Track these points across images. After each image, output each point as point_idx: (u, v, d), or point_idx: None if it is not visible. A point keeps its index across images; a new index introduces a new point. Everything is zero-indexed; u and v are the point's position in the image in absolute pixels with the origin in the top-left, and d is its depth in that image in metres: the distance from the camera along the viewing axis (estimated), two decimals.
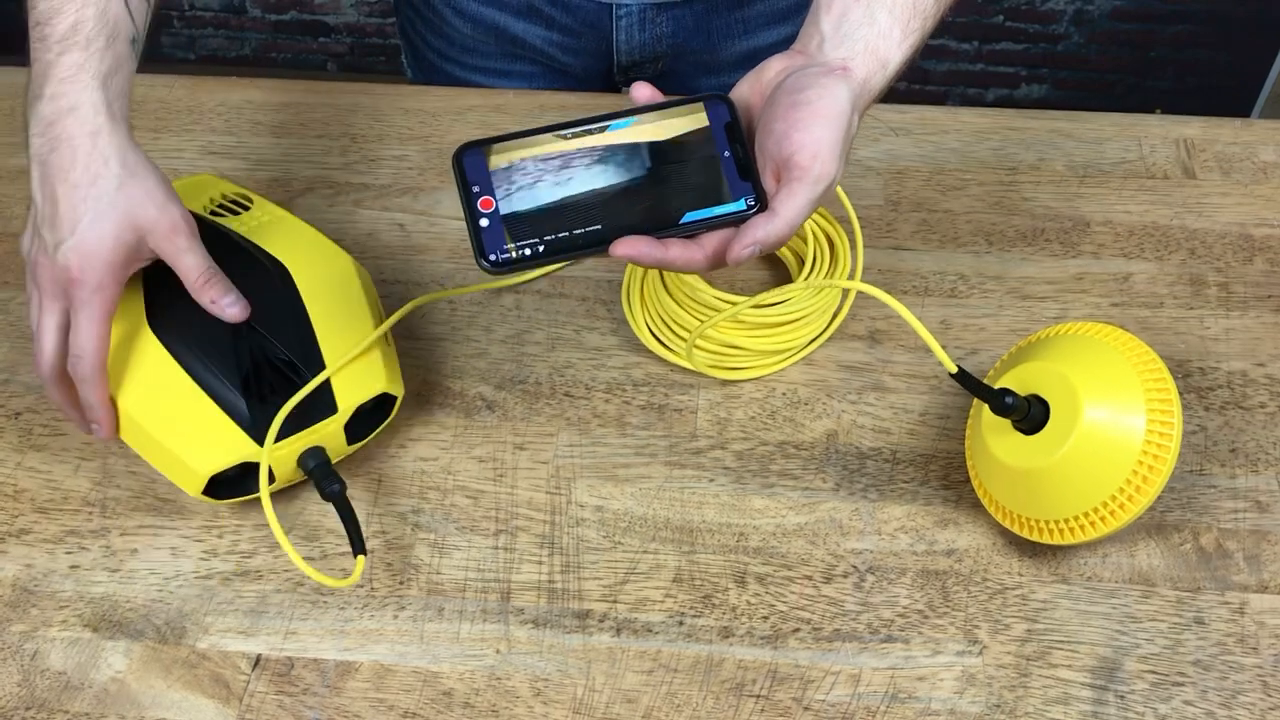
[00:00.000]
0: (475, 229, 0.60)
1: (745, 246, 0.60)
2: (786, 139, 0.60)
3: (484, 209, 0.61)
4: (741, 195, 0.62)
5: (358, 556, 0.65)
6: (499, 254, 0.60)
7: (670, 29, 0.96)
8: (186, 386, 0.68)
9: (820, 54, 0.64)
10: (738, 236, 0.60)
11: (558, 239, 0.60)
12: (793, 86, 0.62)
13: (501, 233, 0.60)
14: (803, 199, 0.60)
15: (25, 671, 0.65)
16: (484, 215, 0.60)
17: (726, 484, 0.72)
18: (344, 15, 2.14)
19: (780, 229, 0.60)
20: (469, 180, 0.61)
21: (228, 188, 0.80)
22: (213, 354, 0.68)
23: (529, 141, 0.62)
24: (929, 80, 2.10)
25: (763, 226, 0.60)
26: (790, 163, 0.60)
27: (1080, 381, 0.64)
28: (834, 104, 0.61)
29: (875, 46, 0.63)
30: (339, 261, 0.75)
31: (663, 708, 0.63)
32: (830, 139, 0.60)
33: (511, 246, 0.60)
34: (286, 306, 0.71)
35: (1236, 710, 0.63)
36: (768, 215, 0.60)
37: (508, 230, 0.60)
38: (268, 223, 0.76)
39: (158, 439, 0.67)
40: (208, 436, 0.67)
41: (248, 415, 0.67)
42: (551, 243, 0.60)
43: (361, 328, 0.72)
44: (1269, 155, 0.89)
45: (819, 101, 0.61)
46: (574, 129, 0.63)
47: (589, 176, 0.62)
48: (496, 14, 0.97)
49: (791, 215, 0.60)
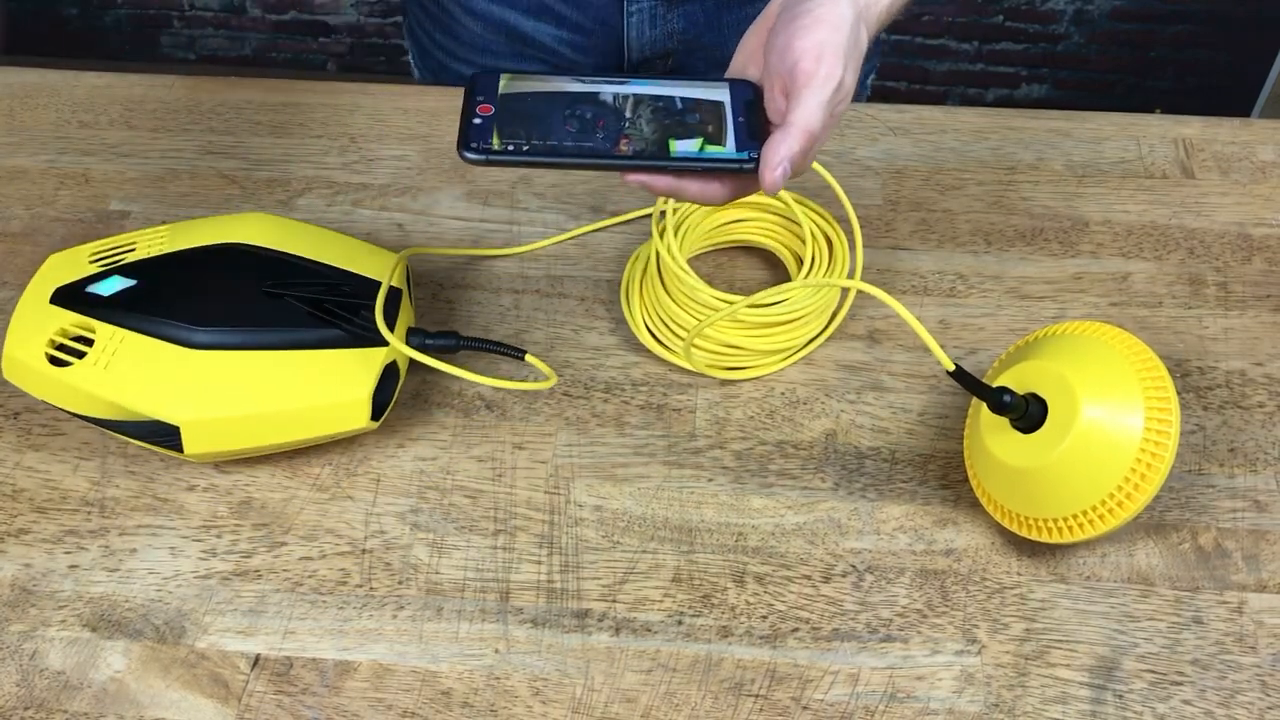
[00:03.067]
0: (465, 124, 0.61)
1: (774, 168, 0.59)
2: (789, 49, 0.60)
3: (481, 113, 0.61)
4: (744, 150, 0.61)
5: (526, 358, 0.74)
6: (481, 144, 0.60)
7: (681, 25, 0.96)
8: (285, 356, 0.69)
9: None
10: (763, 161, 0.60)
11: (545, 144, 0.60)
12: (789, 9, 0.62)
13: (490, 130, 0.60)
14: (813, 102, 0.59)
15: (24, 671, 0.65)
16: (479, 116, 0.61)
17: (725, 484, 0.72)
18: (344, 15, 2.15)
19: (798, 138, 0.59)
20: (475, 92, 0.62)
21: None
22: (269, 323, 0.70)
23: (544, 78, 0.64)
24: (929, 80, 2.10)
25: (782, 142, 0.59)
26: (795, 71, 0.59)
27: (1078, 380, 0.64)
28: (834, 12, 0.60)
29: None
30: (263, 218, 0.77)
31: (661, 707, 0.63)
32: (834, 41, 0.59)
33: (495, 141, 0.60)
34: (280, 263, 0.73)
35: (1235, 709, 0.63)
36: (783, 130, 0.59)
37: (497, 129, 0.61)
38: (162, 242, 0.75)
39: (309, 407, 0.69)
40: (340, 370, 0.69)
41: (349, 334, 0.70)
42: (537, 146, 0.60)
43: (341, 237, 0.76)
44: (1268, 155, 0.90)
45: (818, 9, 0.60)
46: (595, 78, 0.64)
47: (593, 106, 0.62)
48: (507, 12, 0.96)
49: (805, 122, 0.59)
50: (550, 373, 0.73)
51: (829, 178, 0.81)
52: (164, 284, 0.71)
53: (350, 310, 0.71)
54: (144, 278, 0.71)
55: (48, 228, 0.86)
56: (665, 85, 0.64)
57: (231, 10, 2.16)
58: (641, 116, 0.62)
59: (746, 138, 0.62)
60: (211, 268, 0.72)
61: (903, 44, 2.05)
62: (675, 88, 0.64)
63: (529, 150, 0.60)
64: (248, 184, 0.89)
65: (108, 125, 0.94)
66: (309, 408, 0.69)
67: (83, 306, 0.70)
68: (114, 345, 0.68)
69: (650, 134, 0.61)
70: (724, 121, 0.62)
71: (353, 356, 0.70)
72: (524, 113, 0.62)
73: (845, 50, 0.60)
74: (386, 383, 0.71)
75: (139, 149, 0.92)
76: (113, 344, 0.68)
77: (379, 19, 2.15)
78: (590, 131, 0.61)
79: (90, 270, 0.72)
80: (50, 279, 0.72)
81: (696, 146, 0.61)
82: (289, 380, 0.69)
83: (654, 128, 0.62)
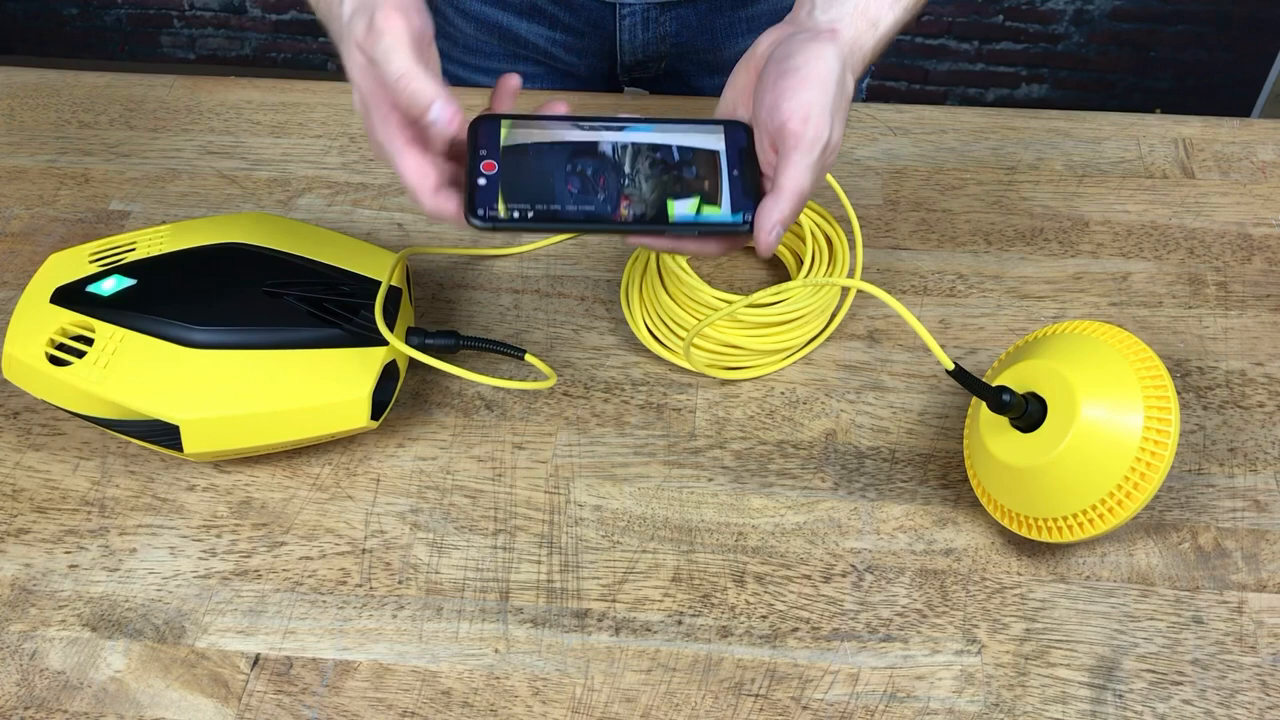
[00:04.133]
0: (471, 186, 0.61)
1: (768, 232, 0.60)
2: (777, 109, 0.61)
3: (485, 170, 0.62)
4: (740, 211, 0.63)
5: (526, 357, 0.74)
6: (487, 211, 0.61)
7: (674, 28, 0.96)
8: (285, 355, 0.69)
9: (810, 20, 0.64)
10: (756, 226, 0.61)
11: (549, 210, 0.61)
12: (780, 56, 0.62)
13: (495, 194, 0.61)
14: (802, 165, 0.60)
15: (24, 671, 0.65)
16: (483, 175, 0.61)
17: (725, 483, 0.72)
18: None
19: (789, 201, 0.60)
20: (478, 145, 0.62)
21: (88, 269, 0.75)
22: (269, 323, 0.70)
23: (543, 125, 0.64)
24: (929, 80, 2.10)
25: (774, 207, 0.60)
26: (783, 131, 0.60)
27: (1077, 380, 0.64)
28: (821, 67, 0.61)
29: (865, 7, 0.64)
30: (263, 218, 0.77)
31: (661, 707, 0.63)
32: (820, 101, 0.60)
33: (501, 208, 0.61)
34: (280, 263, 0.73)
35: (1235, 709, 0.63)
36: (774, 194, 0.60)
37: (503, 192, 0.61)
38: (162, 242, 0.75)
39: (308, 406, 0.69)
40: (340, 369, 0.69)
41: (349, 333, 0.70)
42: (542, 211, 0.61)
43: (341, 237, 0.76)
44: (1267, 155, 0.89)
45: (805, 67, 0.61)
46: (590, 122, 0.64)
47: (593, 161, 0.63)
48: (499, 14, 0.97)
49: (793, 185, 0.60)
50: (550, 372, 0.73)
51: (829, 178, 0.81)
52: (164, 283, 0.71)
53: (350, 310, 0.71)
54: (144, 277, 0.71)
55: (48, 228, 0.86)
56: (662, 131, 0.65)
57: (231, 10, 2.16)
58: (640, 171, 0.63)
59: (741, 195, 0.63)
60: (211, 267, 0.72)
61: (903, 44, 2.05)
62: (672, 134, 0.64)
63: (534, 217, 0.61)
64: (248, 184, 0.89)
65: (108, 125, 0.94)
66: (309, 407, 0.69)
67: (83, 306, 0.70)
68: (114, 344, 0.68)
69: (649, 193, 0.62)
70: (720, 176, 0.63)
71: (352, 356, 0.70)
72: (527, 169, 0.62)
73: (832, 108, 0.61)
74: (386, 382, 0.71)
75: (139, 149, 0.92)
76: (113, 343, 0.68)
77: None
78: (592, 191, 0.62)
79: (90, 270, 0.72)
80: (50, 279, 0.72)
81: (693, 209, 0.62)
82: (289, 380, 0.69)
83: (653, 185, 0.63)
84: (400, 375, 0.73)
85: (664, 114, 0.77)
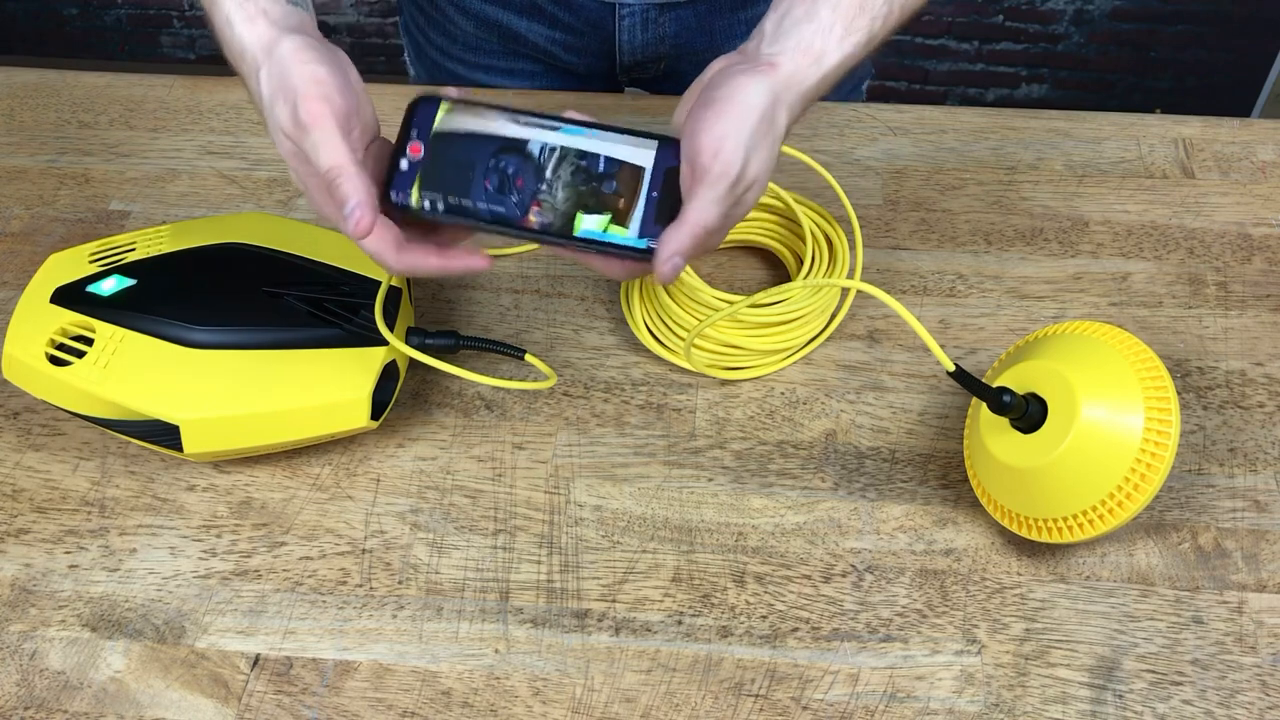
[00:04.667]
0: (393, 167, 0.61)
1: (665, 262, 0.60)
2: (693, 140, 0.61)
3: (411, 154, 0.62)
4: (647, 236, 0.62)
5: (526, 357, 0.73)
6: (401, 196, 0.61)
7: (673, 29, 0.96)
8: (285, 355, 0.69)
9: (755, 52, 0.64)
10: (655, 254, 0.61)
11: (459, 204, 0.61)
12: (711, 85, 0.62)
13: (413, 179, 0.61)
14: (707, 198, 0.60)
15: (24, 671, 0.65)
16: (406, 158, 0.62)
17: (725, 483, 0.72)
18: (344, 15, 2.14)
19: (689, 234, 0.60)
20: (411, 125, 0.62)
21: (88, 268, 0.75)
22: (269, 323, 0.70)
23: (481, 113, 0.63)
24: (929, 80, 2.10)
25: (673, 237, 0.60)
26: (695, 164, 0.60)
27: (1078, 380, 0.64)
28: (743, 100, 0.60)
29: (810, 42, 0.63)
30: (263, 218, 0.77)
31: (661, 707, 0.63)
32: (735, 134, 0.60)
33: (415, 195, 0.61)
34: (279, 263, 0.73)
35: (1235, 709, 0.63)
36: (676, 224, 0.60)
37: (420, 179, 0.61)
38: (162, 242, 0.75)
39: (308, 406, 0.69)
40: (340, 369, 0.69)
41: (349, 333, 0.70)
42: (453, 205, 0.61)
43: (341, 237, 0.75)
44: (1267, 154, 0.89)
45: (728, 100, 0.61)
46: (527, 117, 0.63)
47: (517, 160, 0.62)
48: (499, 12, 0.97)
49: (696, 218, 0.60)
50: (550, 372, 0.73)
51: (829, 178, 0.81)
52: (164, 283, 0.71)
53: (350, 310, 0.71)
54: (144, 277, 0.71)
55: (48, 228, 0.86)
56: (596, 139, 0.63)
57: None
58: (560, 179, 0.62)
59: (653, 220, 0.62)
60: (211, 267, 0.72)
61: (903, 44, 2.05)
62: (605, 143, 0.63)
63: (445, 210, 0.61)
64: (248, 184, 0.89)
65: (107, 125, 0.94)
66: (308, 407, 0.69)
67: (83, 306, 0.70)
68: (114, 344, 0.68)
69: (562, 202, 0.62)
70: (637, 195, 0.63)
71: (352, 356, 0.70)
72: (449, 160, 0.62)
73: (748, 141, 0.60)
74: (386, 382, 0.71)
75: (139, 149, 0.92)
76: (112, 343, 0.69)
77: (378, 19, 2.15)
78: (506, 192, 0.62)
79: (90, 270, 0.72)
80: (50, 279, 0.72)
81: (601, 226, 0.62)
82: (288, 380, 0.69)
83: (567, 194, 0.62)
84: (400, 375, 0.73)
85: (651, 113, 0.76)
